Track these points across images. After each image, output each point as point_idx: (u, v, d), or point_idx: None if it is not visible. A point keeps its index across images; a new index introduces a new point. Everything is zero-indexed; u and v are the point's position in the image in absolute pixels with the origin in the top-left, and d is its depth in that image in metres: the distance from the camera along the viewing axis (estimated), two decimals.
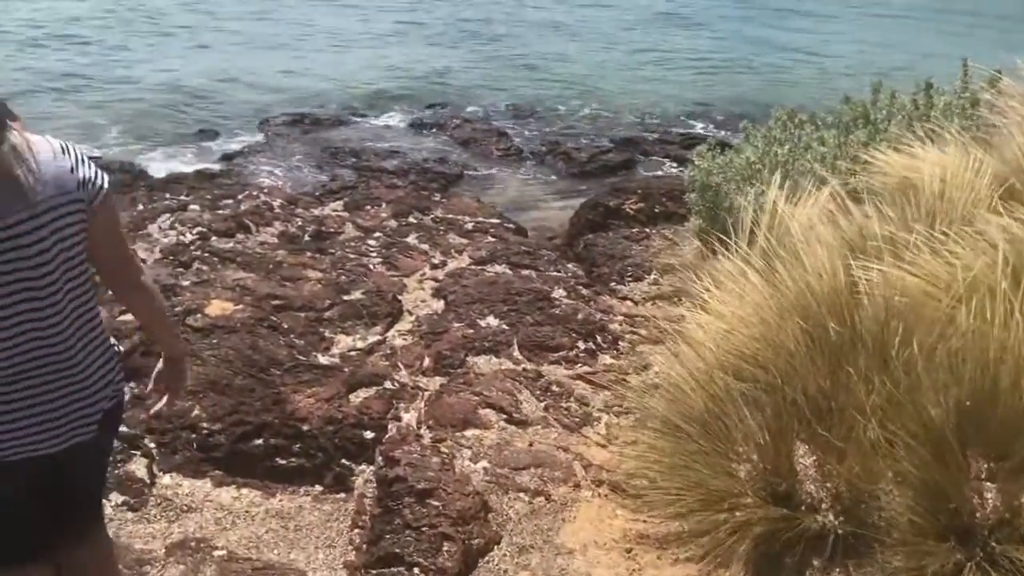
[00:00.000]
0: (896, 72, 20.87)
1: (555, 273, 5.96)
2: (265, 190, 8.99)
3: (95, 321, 2.37)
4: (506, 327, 4.63)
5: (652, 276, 6.19)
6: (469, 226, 7.93)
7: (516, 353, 4.33)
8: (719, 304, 3.70)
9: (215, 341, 4.48)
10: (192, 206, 8.15)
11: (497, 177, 13.21)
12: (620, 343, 4.53)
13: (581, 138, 15.12)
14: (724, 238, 6.60)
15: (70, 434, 2.34)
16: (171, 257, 6.31)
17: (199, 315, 4.76)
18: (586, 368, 4.28)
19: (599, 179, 12.90)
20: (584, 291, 5.42)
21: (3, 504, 2.42)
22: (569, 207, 12.11)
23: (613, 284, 6.22)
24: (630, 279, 6.19)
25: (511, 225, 8.21)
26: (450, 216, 8.17)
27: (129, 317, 4.86)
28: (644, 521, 3.28)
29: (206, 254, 6.32)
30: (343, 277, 5.62)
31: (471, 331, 4.64)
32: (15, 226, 2.05)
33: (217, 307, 4.94)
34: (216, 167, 12.88)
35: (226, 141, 14.50)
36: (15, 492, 2.43)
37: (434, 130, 15.44)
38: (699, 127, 15.90)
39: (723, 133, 15.06)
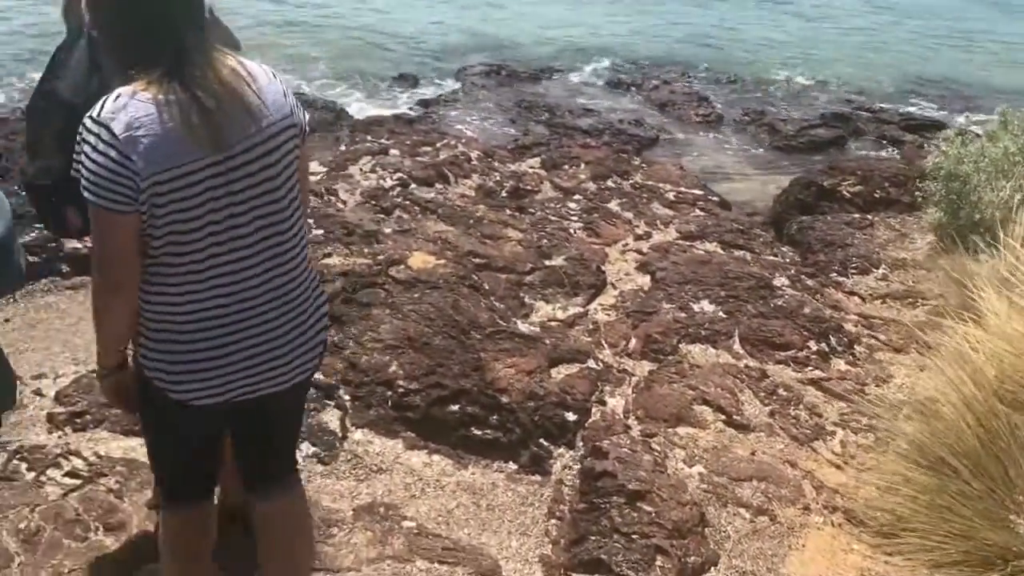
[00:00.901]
0: None
1: (772, 258, 5.45)
2: (463, 140, 8.82)
3: (307, 252, 2.21)
4: (724, 315, 4.20)
5: (880, 270, 5.55)
6: (671, 195, 7.48)
7: (737, 346, 3.91)
8: (1000, 319, 3.13)
9: (417, 296, 4.29)
10: (392, 151, 8.08)
11: (695, 143, 12.58)
12: (856, 347, 4.01)
13: (787, 109, 14.20)
14: (969, 235, 5.88)
15: (296, 371, 2.19)
16: (372, 202, 6.21)
17: (402, 266, 4.59)
18: (819, 373, 3.80)
19: (806, 155, 12.04)
20: (809, 281, 4.90)
21: (209, 441, 2.32)
22: (772, 183, 11.37)
23: (835, 275, 5.64)
24: (855, 271, 5.58)
25: (715, 198, 7.69)
26: (650, 183, 7.74)
27: (331, 261, 4.77)
28: (888, 562, 2.82)
29: (407, 202, 6.18)
30: (544, 240, 5.33)
31: (683, 315, 4.25)
32: (252, 148, 1.95)
33: (419, 259, 4.76)
34: (413, 113, 12.92)
35: (424, 87, 14.54)
36: (218, 431, 2.34)
37: (631, 90, 14.90)
38: (918, 106, 14.58)
39: (947, 114, 13.77)
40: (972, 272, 5.24)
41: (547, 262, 5.00)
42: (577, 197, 6.66)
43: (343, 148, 8.30)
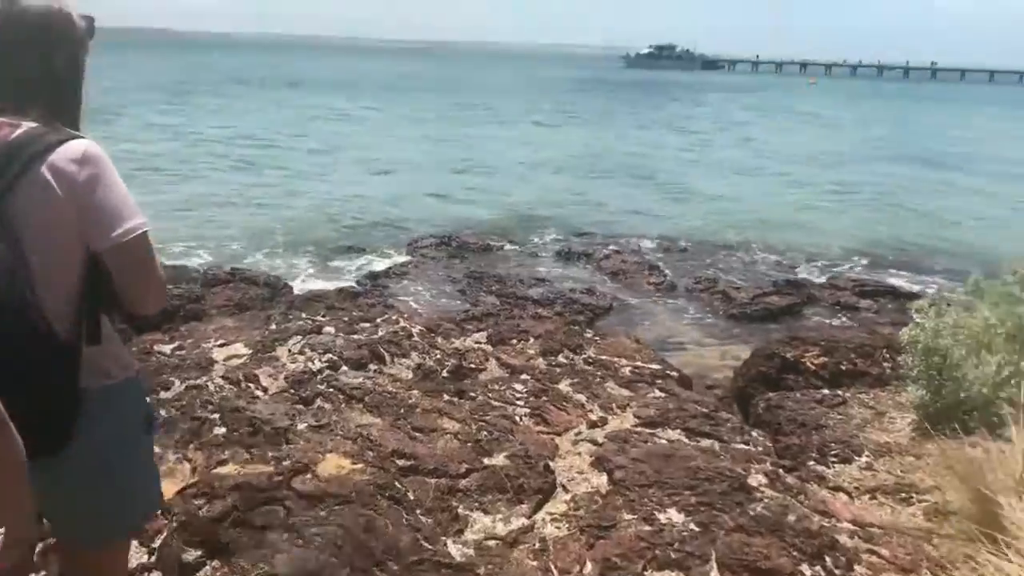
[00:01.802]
0: None
1: (743, 446, 4.71)
2: (405, 315, 8.14)
3: None
4: (696, 528, 3.41)
5: (863, 458, 4.83)
6: (627, 371, 6.80)
7: (714, 573, 3.11)
8: None
9: (323, 514, 3.46)
10: (327, 328, 7.36)
11: (649, 312, 12.10)
12: (856, 567, 3.24)
13: (739, 276, 13.89)
14: (955, 415, 5.25)
15: None
16: (292, 391, 5.43)
17: (309, 475, 3.77)
18: None
19: (761, 324, 11.60)
20: (789, 479, 4.14)
21: None
22: (729, 353, 10.83)
23: (813, 463, 4.91)
24: (835, 460, 4.86)
25: (674, 374, 7.01)
26: (604, 357, 7.07)
27: (225, 470, 3.93)
28: None
29: (331, 388, 5.41)
30: (484, 432, 4.56)
31: (648, 528, 3.45)
32: None
33: (332, 464, 3.95)
34: (359, 287, 12.36)
35: (373, 260, 14.07)
36: None
37: (582, 260, 14.57)
38: (869, 272, 14.36)
39: (903, 284, 13.52)
40: (967, 460, 4.56)
41: (487, 460, 4.21)
42: (524, 377, 5.94)
43: (273, 327, 7.58)
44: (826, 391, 6.46)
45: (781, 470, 4.31)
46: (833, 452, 4.95)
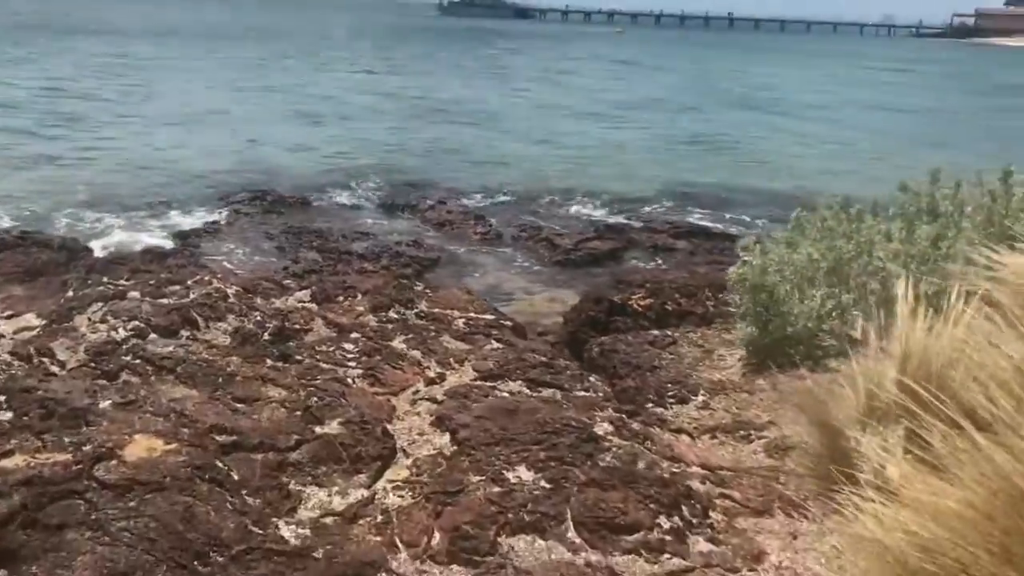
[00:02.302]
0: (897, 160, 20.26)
1: (584, 393, 4.60)
2: (219, 275, 7.53)
3: None
4: (547, 486, 3.22)
5: (700, 397, 4.84)
6: (460, 323, 6.57)
7: (572, 534, 2.93)
8: (909, 484, 2.33)
9: (133, 505, 3.02)
10: (132, 293, 6.68)
11: (476, 263, 11.91)
12: (711, 514, 3.16)
13: (562, 223, 13.94)
14: (782, 349, 5.35)
15: None
16: (93, 364, 4.82)
17: (114, 461, 3.29)
18: (679, 562, 2.86)
19: (586, 268, 11.68)
20: (635, 425, 4.04)
21: None
22: (557, 299, 10.83)
23: (652, 406, 4.87)
24: (672, 400, 4.84)
25: (508, 323, 6.85)
26: (437, 310, 6.81)
27: (10, 463, 3.38)
28: None
29: (138, 360, 4.85)
30: (314, 398, 4.19)
31: (498, 490, 3.23)
32: None
33: (142, 446, 3.48)
34: (168, 244, 11.44)
35: (182, 217, 13.05)
36: None
37: (406, 211, 14.14)
38: (688, 215, 14.78)
39: (715, 224, 14.00)
40: (805, 393, 4.64)
41: (318, 429, 3.85)
42: (355, 336, 5.58)
43: (71, 294, 6.80)
44: (656, 332, 6.49)
45: (624, 415, 4.21)
46: (670, 393, 4.93)
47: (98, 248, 11.31)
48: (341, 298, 6.86)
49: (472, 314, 6.88)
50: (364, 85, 33.33)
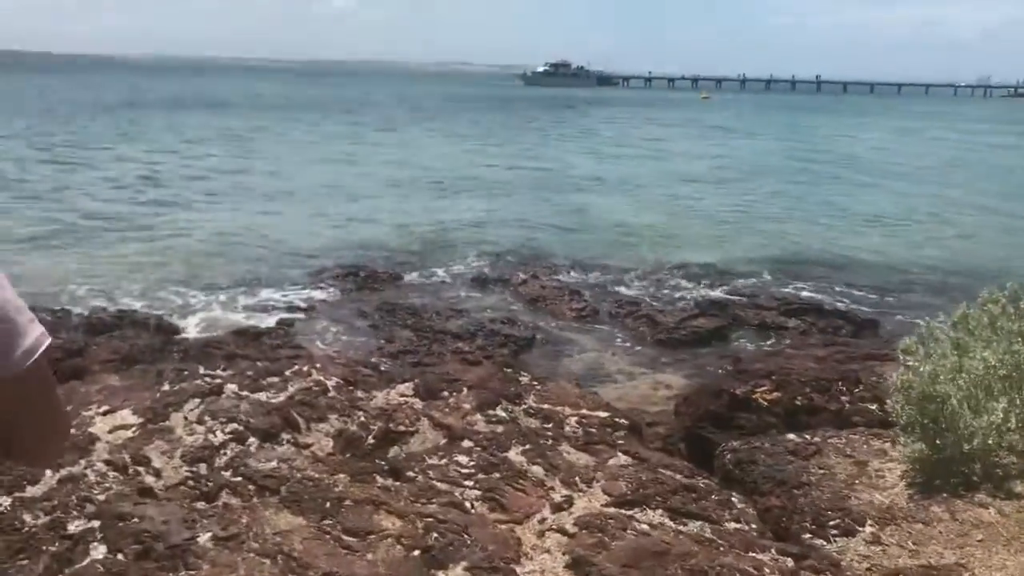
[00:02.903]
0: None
1: (734, 525, 4.00)
2: (317, 364, 7.17)
3: None
4: None
5: (868, 528, 4.18)
6: (573, 421, 6.06)
7: None
8: None
9: None
10: (229, 386, 6.37)
11: (572, 341, 11.40)
12: None
13: (660, 299, 13.35)
14: (956, 469, 4.67)
15: None
16: (191, 480, 4.45)
17: None
18: None
19: (690, 348, 11.05)
20: (804, 573, 3.42)
21: None
22: (662, 383, 10.22)
23: (809, 537, 4.23)
24: (835, 532, 4.20)
25: (624, 421, 6.30)
26: (547, 407, 6.31)
27: None
28: None
29: (239, 477, 4.46)
30: (434, 533, 3.69)
31: None
32: None
33: None
34: (262, 326, 11.26)
35: (275, 294, 12.94)
36: None
37: (498, 286, 13.78)
38: (792, 289, 14.02)
39: (824, 298, 13.22)
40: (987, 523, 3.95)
41: (441, 575, 3.35)
42: (467, 444, 5.10)
43: (167, 387, 6.52)
44: (794, 437, 5.83)
45: (791, 560, 3.59)
46: (831, 522, 4.28)
47: (192, 327, 11.24)
48: (446, 393, 6.41)
49: (584, 411, 6.35)
50: (458, 157, 33.54)
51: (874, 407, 6.53)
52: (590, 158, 34.57)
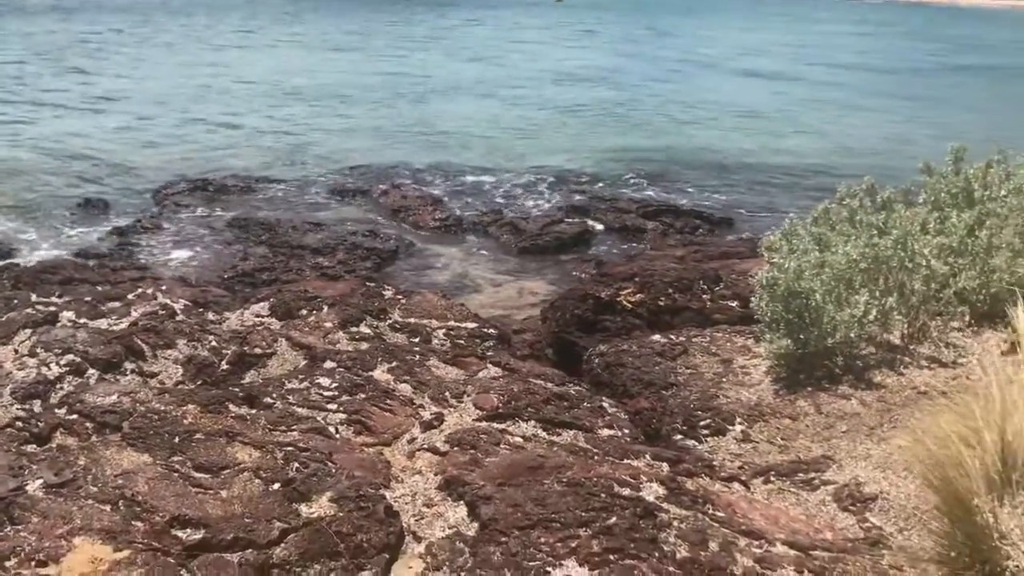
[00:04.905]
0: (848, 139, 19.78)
1: (608, 432, 3.91)
2: (163, 286, 6.65)
3: None
4: None
5: (737, 426, 4.19)
6: (441, 334, 5.86)
7: None
8: None
9: None
10: (65, 313, 5.83)
11: (437, 253, 11.11)
12: None
13: (521, 204, 13.19)
14: (819, 362, 4.71)
15: None
16: (20, 421, 3.97)
17: None
18: None
19: (554, 255, 10.96)
20: (689, 483, 3.35)
21: None
22: (527, 289, 10.11)
23: (680, 439, 4.21)
24: (706, 431, 4.18)
25: (492, 331, 6.16)
26: (413, 321, 6.08)
27: None
28: None
29: (75, 414, 4.01)
30: (295, 464, 3.41)
31: None
32: None
33: (84, 557, 2.69)
34: (103, 247, 10.40)
35: (115, 214, 11.96)
36: None
37: (357, 197, 13.23)
38: (648, 191, 14.14)
39: (680, 200, 13.37)
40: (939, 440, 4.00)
41: (305, 510, 3.09)
42: (329, 364, 4.80)
43: None
44: (659, 337, 5.82)
45: (667, 465, 3.52)
46: (702, 423, 4.26)
47: (24, 252, 10.27)
48: (304, 311, 6.06)
49: (452, 323, 6.16)
50: (298, 63, 31.86)
51: (734, 304, 6.63)
52: (445, 62, 33.61)
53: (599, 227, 11.96)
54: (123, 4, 57.37)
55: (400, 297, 6.55)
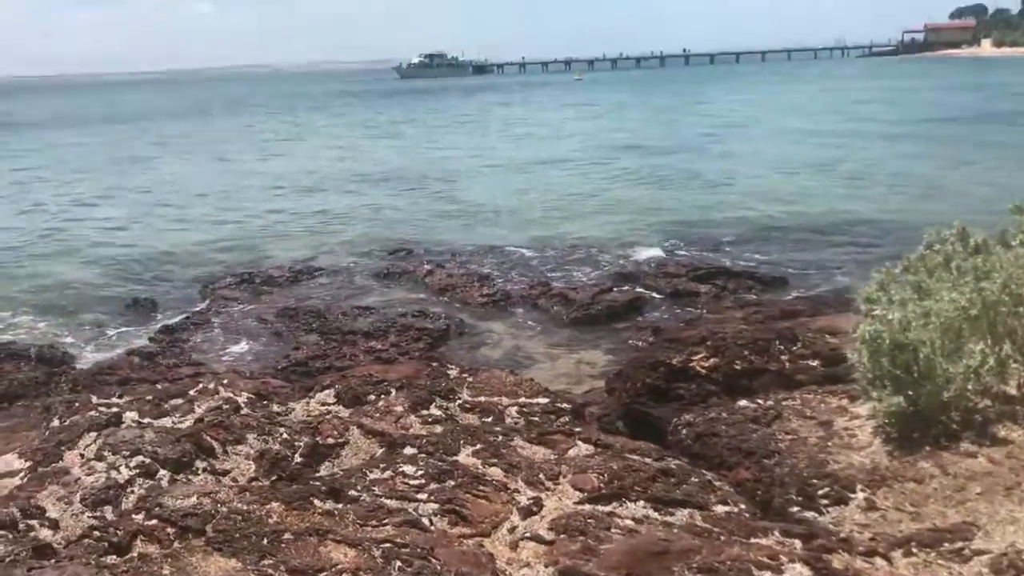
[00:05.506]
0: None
1: (723, 508, 3.59)
2: (224, 379, 6.45)
3: None
4: None
5: (859, 494, 3.84)
6: (514, 412, 5.59)
7: None
8: None
9: None
10: (128, 414, 5.63)
11: (488, 329, 10.90)
12: None
13: (567, 275, 12.99)
14: (936, 420, 4.38)
15: None
16: (97, 529, 3.74)
17: None
18: None
19: (607, 324, 10.69)
20: (832, 559, 3.02)
21: None
22: (584, 361, 9.81)
23: (797, 510, 3.87)
24: (825, 501, 3.84)
25: (565, 405, 5.87)
26: (483, 399, 5.81)
27: None
28: None
29: (153, 519, 3.77)
30: (395, 561, 3.13)
31: None
32: None
33: None
34: (154, 346, 10.29)
35: (163, 310, 11.92)
36: None
37: (403, 279, 13.13)
38: (691, 254, 13.90)
39: (726, 258, 13.13)
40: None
41: None
42: (409, 451, 4.53)
43: (56, 423, 5.69)
44: (746, 403, 5.50)
45: (798, 542, 3.20)
46: (820, 491, 3.92)
47: (78, 355, 10.19)
48: (372, 396, 5.82)
49: (523, 399, 5.88)
50: (341, 153, 32.41)
51: (815, 364, 6.29)
52: (479, 142, 34.08)
53: (650, 293, 11.69)
54: (132, 114, 59.30)
55: (466, 375, 6.30)
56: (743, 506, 3.67)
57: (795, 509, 3.88)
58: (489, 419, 5.41)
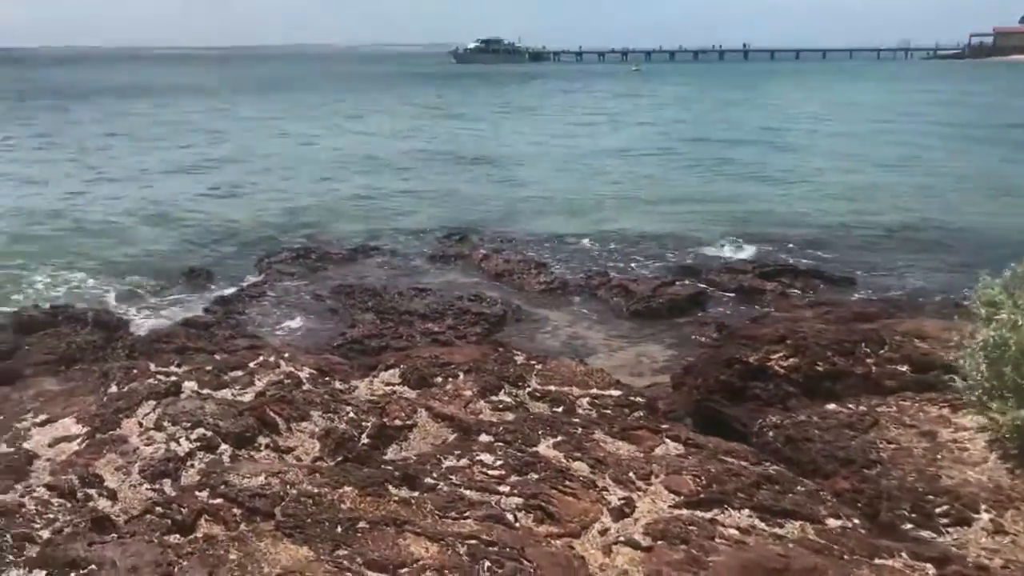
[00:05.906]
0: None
1: (836, 522, 3.25)
2: (285, 353, 6.24)
3: None
4: None
5: (984, 514, 3.48)
6: (585, 403, 5.30)
7: None
8: None
9: None
10: (187, 383, 5.45)
11: (545, 317, 10.57)
12: None
13: (628, 270, 12.61)
14: None
15: None
16: (159, 507, 3.51)
17: None
18: None
19: (668, 318, 10.29)
20: None
21: None
22: (646, 355, 9.45)
23: (910, 528, 3.52)
24: (944, 520, 3.49)
25: (640, 399, 5.56)
26: (553, 388, 5.52)
27: None
28: None
29: (218, 498, 3.54)
30: (483, 560, 2.85)
31: None
32: None
33: None
34: (210, 317, 10.15)
35: (219, 284, 11.79)
36: None
37: (459, 262, 12.86)
38: (753, 252, 13.41)
39: (789, 256, 12.66)
40: None
41: None
42: (484, 438, 4.26)
43: (114, 388, 5.52)
44: (834, 407, 5.15)
45: (930, 567, 2.86)
46: (938, 509, 3.57)
47: (135, 320, 10.10)
48: (439, 379, 5.56)
49: (595, 390, 5.59)
50: (403, 133, 32.33)
51: (904, 368, 5.89)
52: (535, 129, 33.73)
53: (713, 289, 11.28)
54: (195, 85, 59.80)
55: (534, 363, 6.01)
56: (856, 520, 3.33)
57: (908, 527, 3.53)
58: (560, 409, 5.13)
